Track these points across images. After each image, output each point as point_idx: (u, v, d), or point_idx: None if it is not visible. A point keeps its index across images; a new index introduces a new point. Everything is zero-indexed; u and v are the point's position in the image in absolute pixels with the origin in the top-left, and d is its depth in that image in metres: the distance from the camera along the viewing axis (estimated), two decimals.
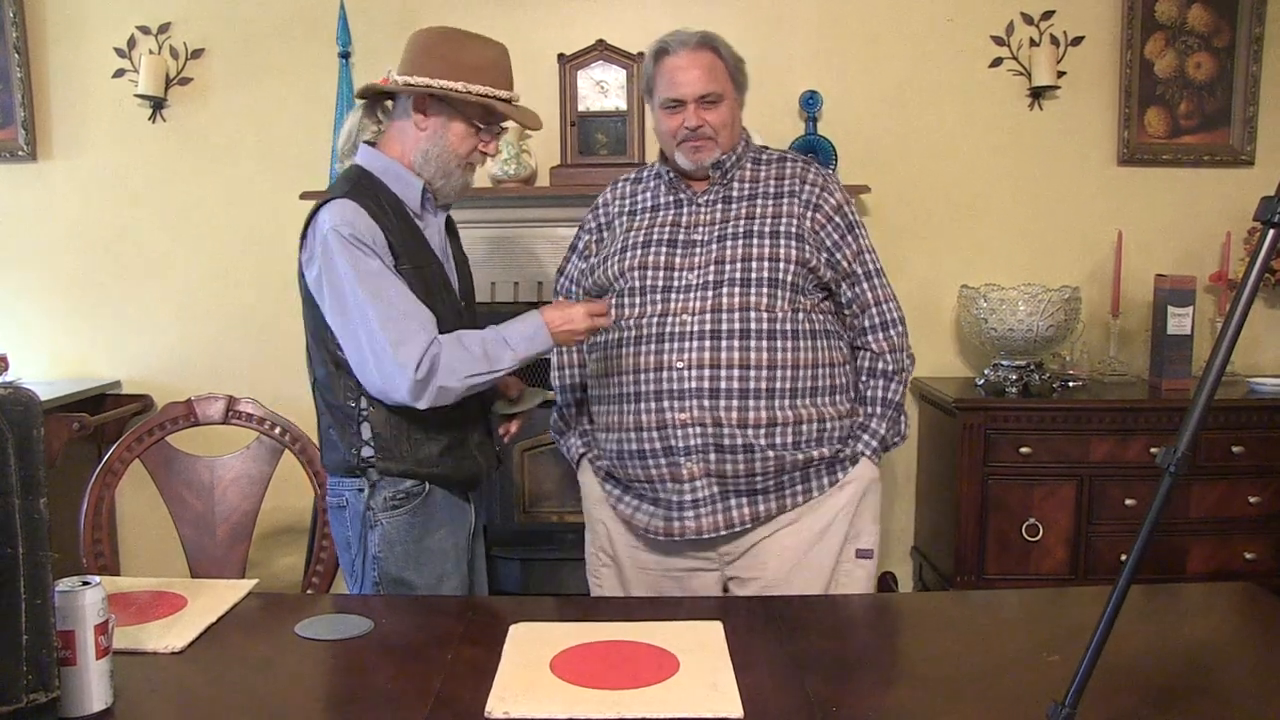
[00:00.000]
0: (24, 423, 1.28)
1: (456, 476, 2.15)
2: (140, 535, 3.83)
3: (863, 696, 1.49)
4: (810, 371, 2.18)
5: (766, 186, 2.28)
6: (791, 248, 2.19)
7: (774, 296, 2.16)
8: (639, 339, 2.20)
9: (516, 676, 1.51)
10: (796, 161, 2.33)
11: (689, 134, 2.22)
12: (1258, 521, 3.36)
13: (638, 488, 2.25)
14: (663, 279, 2.21)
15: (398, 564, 2.08)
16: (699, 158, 2.24)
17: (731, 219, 2.24)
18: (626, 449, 2.21)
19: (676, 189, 2.31)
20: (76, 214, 3.86)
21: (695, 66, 2.21)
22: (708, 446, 2.13)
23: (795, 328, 2.17)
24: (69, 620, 1.36)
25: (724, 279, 2.17)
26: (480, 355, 2.00)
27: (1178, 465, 1.18)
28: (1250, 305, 1.18)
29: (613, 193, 2.44)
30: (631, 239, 2.28)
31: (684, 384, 2.13)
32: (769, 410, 2.14)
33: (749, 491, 2.18)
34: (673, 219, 2.28)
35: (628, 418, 2.20)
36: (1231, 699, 1.51)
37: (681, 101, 2.22)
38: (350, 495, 2.09)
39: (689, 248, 2.23)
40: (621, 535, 2.36)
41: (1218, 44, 3.74)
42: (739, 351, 2.13)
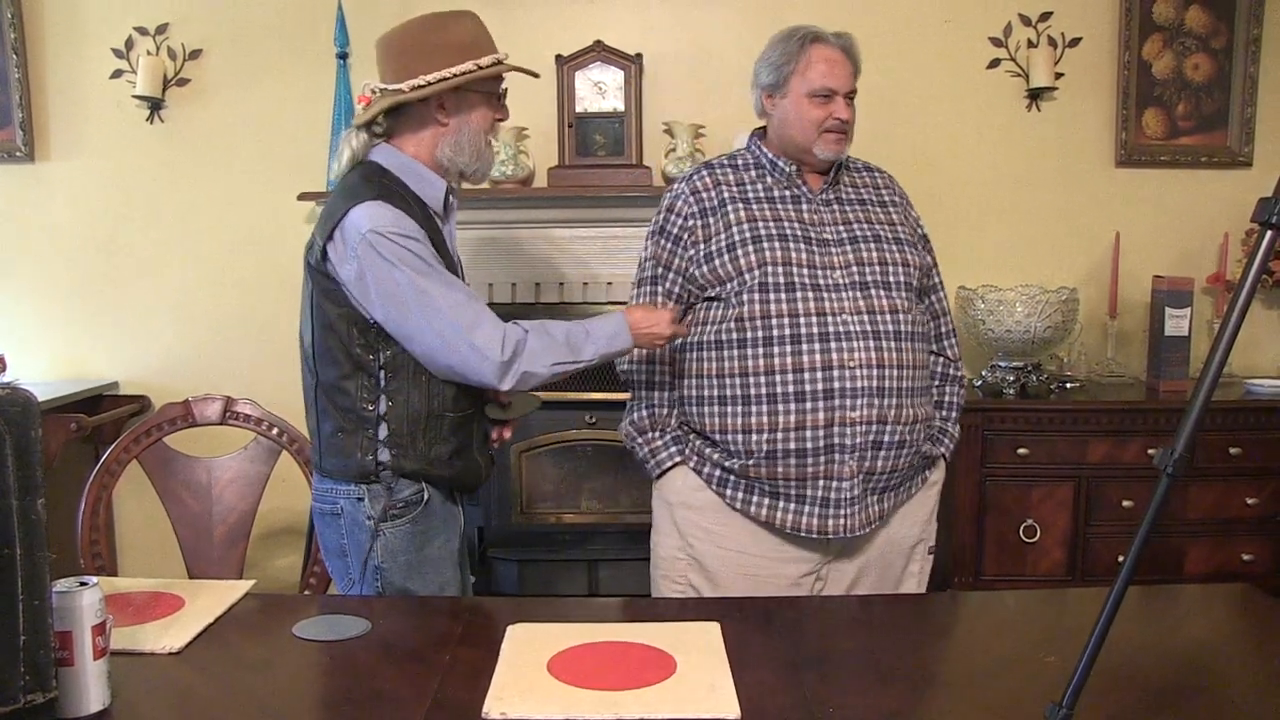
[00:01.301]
0: (22, 423, 1.28)
1: (463, 478, 2.14)
2: (138, 536, 3.83)
3: (859, 697, 1.49)
4: (924, 372, 2.27)
5: (868, 193, 2.32)
6: (910, 254, 2.25)
7: (907, 299, 2.22)
8: (798, 338, 2.15)
9: (514, 677, 1.51)
10: (878, 173, 2.39)
11: (839, 124, 2.21)
12: (1255, 523, 3.36)
13: (780, 486, 2.19)
14: (809, 276, 2.17)
15: (401, 574, 2.06)
16: (840, 148, 2.24)
17: (853, 221, 2.25)
18: (780, 448, 2.15)
19: (794, 183, 2.27)
20: (75, 215, 3.86)
21: (845, 62, 2.23)
22: (868, 444, 2.14)
23: (917, 330, 2.23)
24: (66, 621, 1.36)
25: (869, 280, 2.19)
26: (564, 343, 2.03)
27: (1175, 466, 1.18)
28: (1248, 306, 1.18)
29: (710, 177, 2.31)
30: (758, 230, 2.21)
31: (856, 383, 2.12)
32: (913, 408, 2.19)
33: (884, 489, 2.20)
34: (794, 214, 2.24)
35: (784, 417, 2.14)
36: (1229, 700, 1.51)
37: (835, 93, 2.21)
38: (345, 503, 2.06)
39: (823, 246, 2.21)
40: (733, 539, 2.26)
41: (1215, 45, 3.75)
42: (896, 352, 2.16)
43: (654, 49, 3.70)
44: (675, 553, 2.35)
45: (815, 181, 2.28)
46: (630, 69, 3.64)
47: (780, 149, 2.29)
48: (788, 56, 2.26)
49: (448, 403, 2.06)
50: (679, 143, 3.60)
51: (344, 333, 2.01)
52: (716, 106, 3.73)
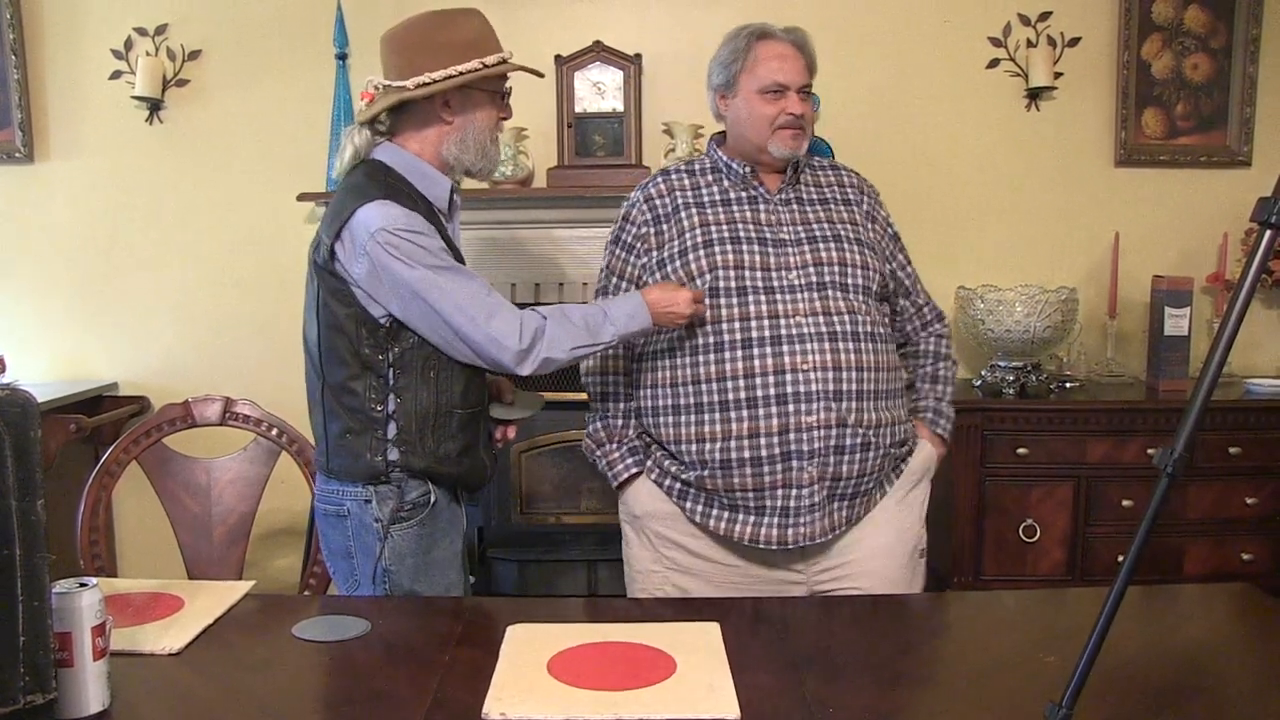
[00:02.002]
0: (21, 424, 1.28)
1: (470, 477, 2.14)
2: (137, 537, 3.82)
3: (859, 697, 1.49)
4: (891, 374, 2.20)
5: (831, 192, 2.28)
6: (869, 255, 2.21)
7: (865, 300, 2.17)
8: (749, 342, 2.11)
9: (514, 677, 1.51)
10: (845, 171, 2.35)
11: (792, 120, 2.18)
12: (1255, 522, 3.36)
13: (737, 498, 2.14)
14: (761, 279, 2.14)
15: (409, 576, 2.05)
16: (796, 145, 2.20)
17: (812, 221, 2.21)
18: (735, 457, 2.10)
19: (749, 184, 2.24)
20: (74, 215, 3.85)
21: (796, 57, 2.21)
22: (828, 449, 2.09)
23: (879, 331, 2.19)
24: (66, 622, 1.36)
25: (825, 281, 2.14)
26: (583, 327, 2.04)
27: (1175, 466, 1.18)
28: (1247, 306, 1.18)
29: (665, 184, 2.30)
30: (710, 234, 2.18)
31: (810, 386, 2.08)
32: (877, 410, 2.14)
33: (851, 495, 2.14)
34: (750, 216, 2.21)
35: (737, 424, 2.10)
36: (1228, 700, 1.51)
37: (786, 88, 2.18)
38: (352, 505, 2.05)
39: (779, 247, 2.17)
40: (705, 550, 2.22)
41: (1215, 45, 3.75)
42: (854, 354, 2.11)
43: (653, 49, 3.70)
44: (652, 565, 2.28)
45: (773, 182, 2.25)
46: (629, 69, 3.64)
47: (736, 150, 2.28)
48: (735, 54, 2.24)
49: (455, 399, 2.07)
50: (678, 143, 3.60)
51: (352, 333, 2.01)
52: None
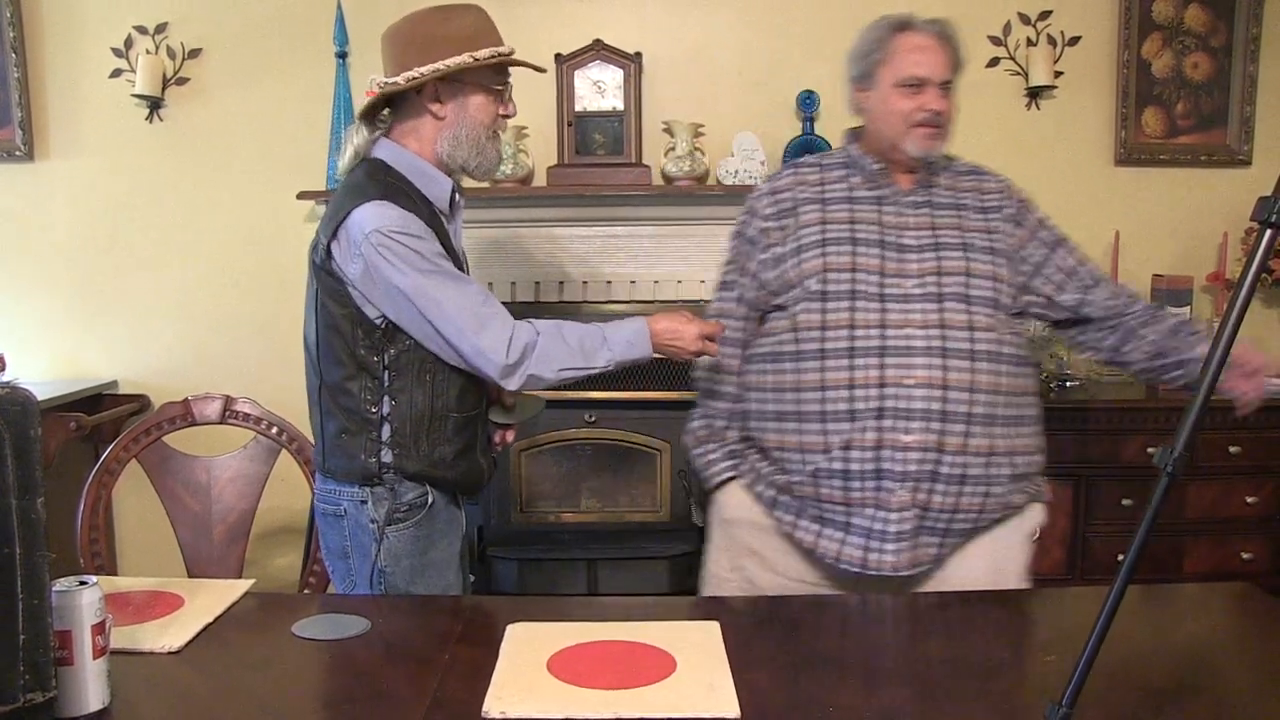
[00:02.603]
0: (21, 422, 1.28)
1: (466, 480, 2.13)
2: (137, 535, 3.83)
3: (859, 696, 1.49)
4: (1016, 399, 2.03)
5: (969, 197, 2.12)
6: (1002, 267, 2.05)
7: (992, 316, 2.01)
8: (853, 351, 1.99)
9: (514, 676, 1.50)
10: (989, 175, 2.20)
11: (930, 117, 2.04)
12: (1255, 522, 3.36)
13: (825, 509, 2.04)
14: (875, 285, 2.01)
15: (405, 578, 2.05)
16: (931, 145, 2.06)
17: (941, 226, 2.07)
18: (826, 468, 2.01)
19: (879, 182, 2.11)
20: (74, 214, 3.85)
21: (938, 49, 2.06)
22: (923, 474, 1.96)
23: (1007, 351, 2.02)
24: (66, 620, 1.36)
25: (945, 292, 2.00)
26: (577, 349, 1.99)
27: (1175, 465, 1.18)
28: (1247, 305, 1.18)
29: (792, 177, 2.18)
30: (830, 233, 2.07)
31: (911, 404, 1.95)
32: (988, 438, 1.97)
33: (944, 530, 2.00)
34: (875, 217, 2.08)
35: (834, 437, 2.00)
36: (1228, 699, 1.51)
37: (925, 82, 2.04)
38: (349, 505, 2.05)
39: (900, 252, 2.03)
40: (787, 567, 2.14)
41: (1215, 44, 3.75)
42: (969, 373, 1.96)
43: (653, 48, 3.70)
44: (726, 573, 2.22)
45: (906, 182, 2.12)
46: (630, 68, 3.63)
47: (872, 146, 2.14)
48: (873, 45, 2.10)
49: (451, 403, 2.05)
50: (678, 142, 3.60)
51: (348, 333, 2.00)
52: (716, 106, 3.74)
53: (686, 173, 3.59)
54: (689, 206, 3.62)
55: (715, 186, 3.61)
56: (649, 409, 3.74)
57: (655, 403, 3.71)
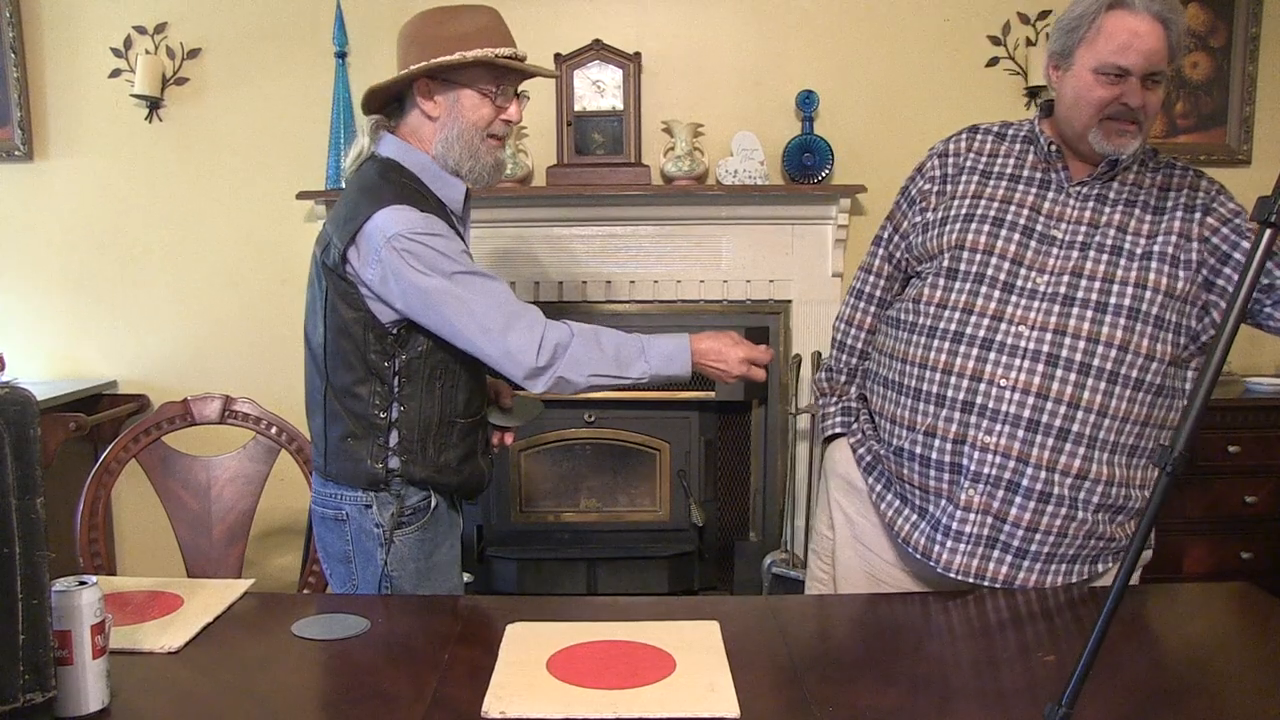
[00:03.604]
0: (20, 422, 1.28)
1: (469, 485, 2.11)
2: (136, 535, 3.82)
3: (859, 696, 1.49)
4: (1138, 429, 1.86)
5: (1148, 195, 1.91)
6: (1163, 274, 1.83)
7: (1130, 330, 1.82)
8: (959, 336, 1.90)
9: (513, 676, 1.50)
10: (1179, 170, 1.95)
11: (1125, 111, 1.84)
12: (1254, 521, 3.37)
13: (906, 489, 1.99)
14: (1006, 272, 1.89)
15: (410, 582, 2.03)
16: (1121, 144, 1.86)
17: (1101, 224, 1.89)
18: (909, 449, 1.95)
19: (1052, 164, 1.96)
20: (73, 214, 3.85)
21: (1153, 36, 1.85)
22: (1000, 480, 1.85)
23: (1141, 375, 1.83)
24: (65, 620, 1.36)
25: (1076, 296, 1.84)
26: (612, 357, 1.94)
27: (1175, 465, 1.18)
28: (1247, 305, 1.17)
29: (967, 142, 2.06)
30: (979, 209, 1.95)
31: (1002, 405, 1.85)
32: (1085, 460, 1.84)
33: (1018, 550, 1.88)
34: (1033, 201, 1.93)
35: (921, 417, 1.93)
36: (1228, 698, 1.51)
37: (1128, 72, 1.84)
38: (352, 509, 2.02)
39: (1045, 243, 1.89)
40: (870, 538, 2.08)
41: (1214, 44, 3.75)
42: (1074, 387, 1.82)
43: (653, 48, 3.71)
44: (826, 530, 2.19)
45: (1081, 170, 1.94)
46: (629, 68, 3.64)
47: (1058, 128, 1.96)
48: (1080, 21, 1.87)
49: (459, 408, 2.03)
50: (678, 141, 3.60)
51: (359, 337, 1.96)
52: (715, 105, 3.74)
53: (686, 172, 3.59)
54: (688, 206, 3.63)
55: (714, 186, 3.61)
56: (649, 409, 3.75)
57: (655, 403, 3.72)
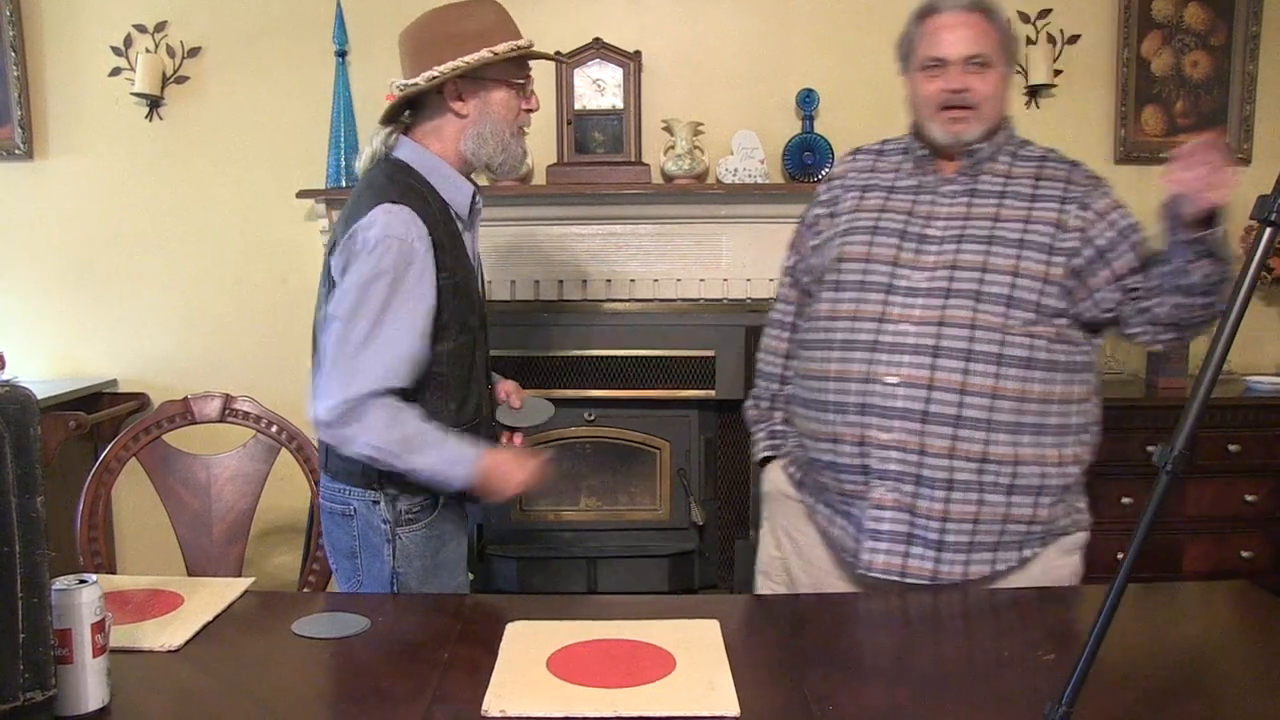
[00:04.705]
0: (20, 421, 1.28)
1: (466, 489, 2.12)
2: (136, 533, 3.82)
3: (859, 695, 1.49)
4: (1038, 406, 1.91)
5: (1020, 185, 1.99)
6: (1036, 260, 1.91)
7: (1007, 315, 1.89)
8: (848, 344, 1.96)
9: (513, 675, 1.51)
10: (1054, 161, 2.05)
11: (951, 98, 1.95)
12: (1254, 520, 3.36)
13: (832, 499, 2.04)
14: (886, 276, 1.96)
15: (417, 579, 2.03)
16: (957, 129, 1.96)
17: (974, 217, 1.96)
18: (824, 459, 2.01)
19: (923, 168, 2.04)
20: (73, 212, 3.85)
21: (964, 25, 1.95)
22: (905, 475, 1.91)
23: (1028, 355, 1.90)
24: (66, 618, 1.36)
25: (953, 288, 1.91)
26: (398, 439, 1.89)
27: (1175, 464, 1.18)
28: (1247, 303, 1.18)
29: (850, 164, 2.17)
30: (857, 222, 2.04)
31: (893, 401, 1.90)
32: (984, 444, 1.88)
33: (936, 544, 1.92)
34: (908, 206, 2.02)
35: (827, 427, 1.99)
36: (1228, 698, 1.51)
37: (943, 62, 1.95)
38: (360, 505, 2.01)
39: (921, 243, 1.97)
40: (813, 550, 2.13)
41: (1214, 43, 3.75)
42: (960, 374, 1.88)
43: (653, 46, 3.70)
44: (773, 550, 2.23)
45: (949, 169, 2.03)
46: (629, 66, 3.63)
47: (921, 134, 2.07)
48: (908, 35, 2.05)
49: (451, 416, 2.01)
50: (678, 140, 3.60)
51: None
52: (716, 104, 3.74)
53: (686, 171, 3.59)
54: (689, 205, 3.62)
55: (715, 185, 3.61)
56: (649, 408, 3.75)
57: (655, 401, 3.72)
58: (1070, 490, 1.99)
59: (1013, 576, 1.97)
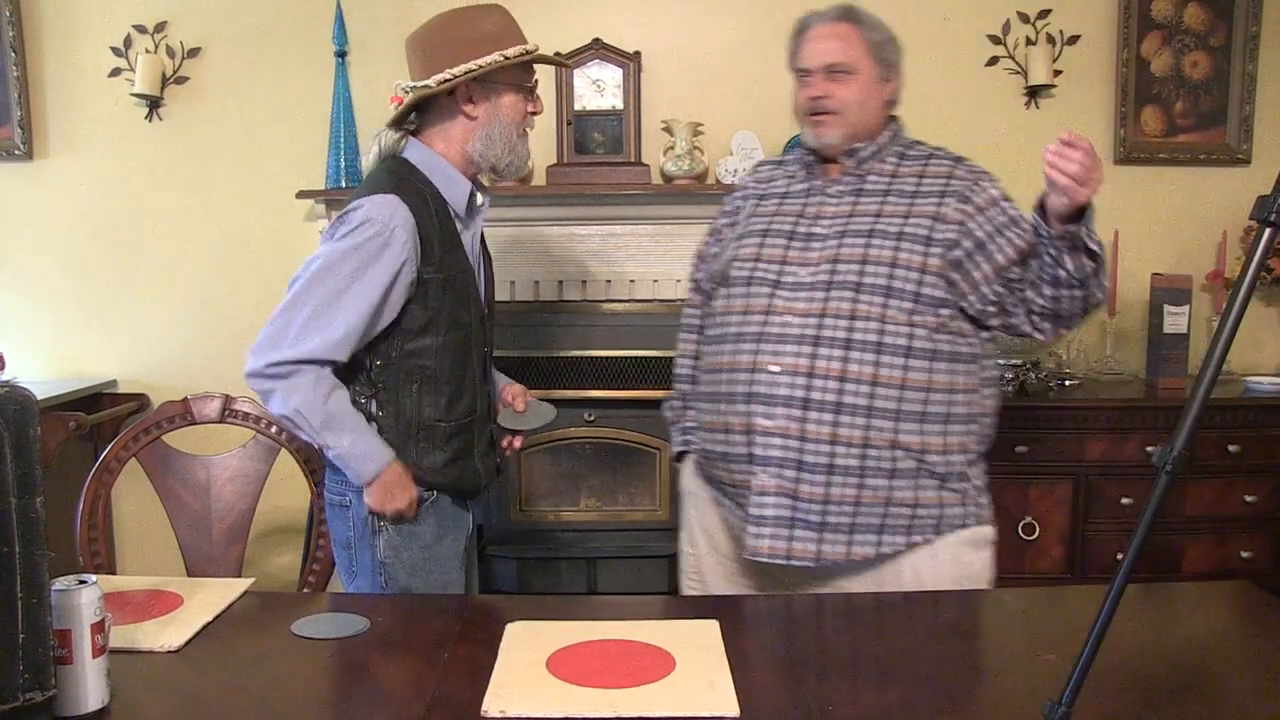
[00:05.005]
0: (20, 421, 1.28)
1: (459, 486, 2.13)
2: (136, 534, 3.82)
3: (859, 695, 1.49)
4: (920, 394, 1.97)
5: (904, 183, 2.08)
6: (914, 252, 1.98)
7: (886, 305, 1.96)
8: (738, 337, 2.05)
9: (513, 675, 1.51)
10: (940, 159, 2.13)
11: (813, 105, 2.08)
12: (1254, 520, 3.36)
13: (725, 489, 2.12)
14: (774, 273, 2.05)
15: (404, 571, 2.07)
16: (820, 133, 2.08)
17: (858, 215, 2.05)
18: (716, 450, 2.10)
19: (813, 172, 2.15)
20: (73, 213, 3.85)
21: (828, 37, 2.08)
22: (787, 461, 1.97)
23: (909, 343, 1.97)
24: (65, 619, 1.36)
25: (835, 280, 1.99)
26: (323, 415, 1.95)
27: (1174, 464, 1.18)
28: (1247, 304, 1.17)
29: (753, 175, 2.30)
30: (753, 226, 2.14)
31: (776, 390, 1.97)
32: (864, 430, 1.95)
33: (820, 525, 1.98)
34: (798, 208, 2.12)
35: (719, 418, 2.08)
36: (1227, 698, 1.51)
37: (809, 71, 2.09)
38: (354, 497, 2.07)
39: (807, 241, 2.06)
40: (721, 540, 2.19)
41: (1214, 43, 3.75)
42: (840, 362, 1.95)
43: (653, 47, 3.70)
44: (688, 548, 2.30)
45: (835, 171, 2.13)
46: (629, 67, 3.63)
47: None
48: (789, 46, 2.17)
49: (440, 411, 2.06)
50: (678, 141, 3.60)
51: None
52: (715, 104, 3.74)
53: (686, 172, 3.59)
54: (688, 205, 3.62)
55: (714, 185, 3.61)
56: (648, 408, 3.73)
57: (654, 401, 3.69)
58: (961, 479, 2.04)
59: (922, 569, 2.02)
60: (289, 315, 1.95)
